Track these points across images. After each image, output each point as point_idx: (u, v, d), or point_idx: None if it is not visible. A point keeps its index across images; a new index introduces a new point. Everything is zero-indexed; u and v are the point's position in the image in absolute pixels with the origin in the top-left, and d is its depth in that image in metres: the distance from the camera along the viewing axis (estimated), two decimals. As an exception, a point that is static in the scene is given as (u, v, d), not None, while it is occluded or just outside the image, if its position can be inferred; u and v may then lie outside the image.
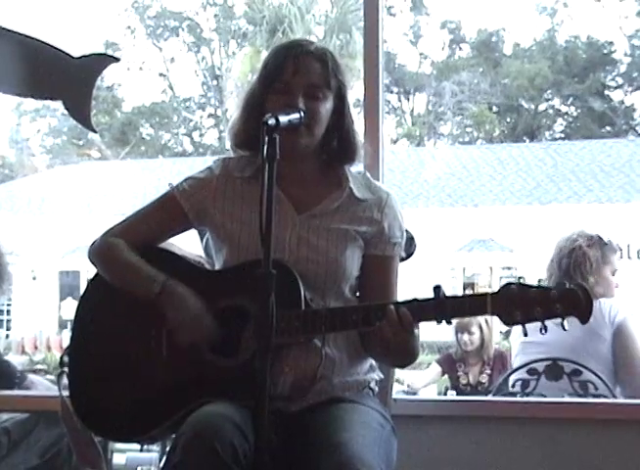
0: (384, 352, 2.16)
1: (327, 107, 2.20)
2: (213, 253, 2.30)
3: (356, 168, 2.36)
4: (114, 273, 2.26)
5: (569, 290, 1.93)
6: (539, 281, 2.02)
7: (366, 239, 2.23)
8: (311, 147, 2.21)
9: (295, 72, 2.17)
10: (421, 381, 6.14)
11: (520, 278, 2.66)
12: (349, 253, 2.20)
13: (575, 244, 3.47)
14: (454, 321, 2.02)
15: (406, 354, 2.14)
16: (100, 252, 2.29)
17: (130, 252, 2.24)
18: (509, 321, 1.96)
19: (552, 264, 3.52)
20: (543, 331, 1.94)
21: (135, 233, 2.29)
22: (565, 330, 1.93)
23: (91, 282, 2.35)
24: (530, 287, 1.95)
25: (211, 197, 2.25)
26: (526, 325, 1.96)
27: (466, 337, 5.93)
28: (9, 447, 3.09)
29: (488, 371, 5.84)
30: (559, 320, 1.93)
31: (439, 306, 1.99)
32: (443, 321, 1.99)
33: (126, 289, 2.22)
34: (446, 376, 6.16)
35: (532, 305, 1.93)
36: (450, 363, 6.11)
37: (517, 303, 1.95)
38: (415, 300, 2.02)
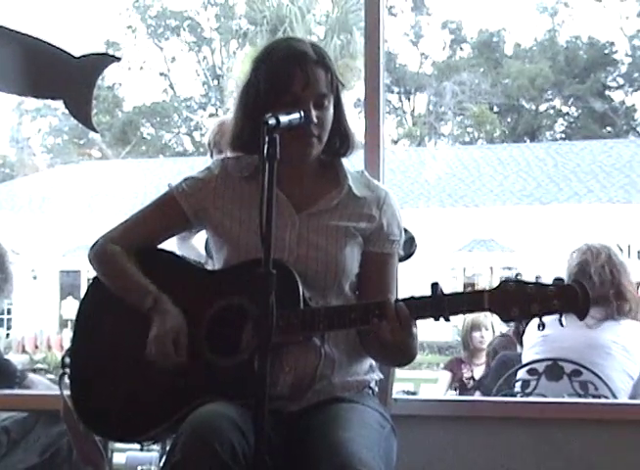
0: (382, 352, 2.16)
1: (332, 112, 2.21)
2: (214, 252, 2.30)
3: (355, 168, 2.35)
4: (111, 281, 2.27)
5: (566, 286, 1.93)
6: (537, 278, 2.00)
7: (365, 236, 2.23)
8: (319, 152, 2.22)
9: (305, 86, 2.15)
10: (437, 393, 6.15)
11: (517, 274, 2.62)
12: (349, 250, 2.20)
13: (618, 256, 3.39)
14: (452, 318, 2.01)
15: (404, 354, 2.14)
16: (98, 258, 2.29)
17: (127, 260, 2.25)
18: (506, 317, 1.96)
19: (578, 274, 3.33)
20: (541, 328, 1.93)
21: (135, 234, 2.29)
22: (562, 326, 1.93)
23: (92, 283, 2.35)
24: (528, 283, 1.95)
25: (211, 197, 2.25)
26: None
27: (479, 335, 5.97)
28: (8, 446, 3.09)
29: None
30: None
31: (437, 303, 1.98)
32: (441, 318, 1.99)
33: (122, 297, 2.23)
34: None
35: (530, 302, 1.93)
36: (458, 365, 6.14)
37: (514, 299, 1.94)
38: (412, 297, 2.02)
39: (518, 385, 3.37)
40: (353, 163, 2.37)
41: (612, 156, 20.81)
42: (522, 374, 3.39)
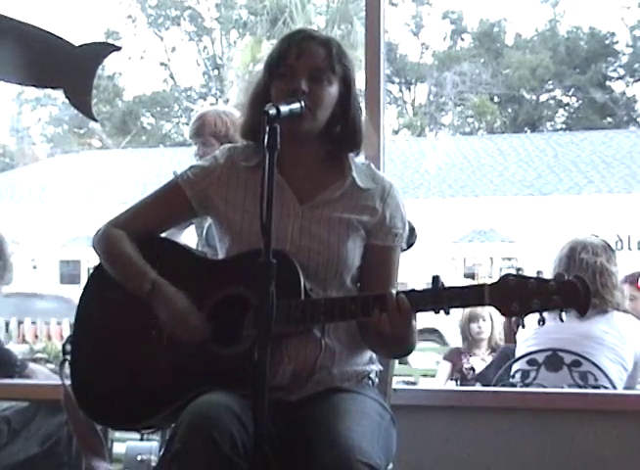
0: (380, 343, 2.17)
1: (331, 92, 2.19)
2: (217, 241, 2.30)
3: (360, 159, 2.35)
4: (112, 266, 2.28)
5: (567, 282, 1.93)
6: (538, 273, 2.00)
7: (367, 228, 2.22)
8: (314, 132, 2.20)
9: (298, 56, 2.17)
10: (437, 383, 6.16)
11: (518, 269, 2.61)
12: (351, 242, 2.19)
13: (598, 260, 3.39)
14: (452, 311, 2.01)
15: (402, 346, 2.15)
16: (101, 243, 2.30)
17: (129, 245, 2.25)
18: (506, 312, 1.96)
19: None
20: (541, 323, 1.93)
21: (139, 222, 2.30)
22: (562, 321, 1.93)
23: (94, 271, 2.35)
24: (529, 278, 1.95)
25: (215, 185, 2.25)
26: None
27: (477, 326, 5.97)
28: (9, 436, 3.10)
29: (491, 358, 5.87)
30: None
31: (437, 296, 1.99)
32: (441, 311, 1.99)
33: (122, 283, 2.24)
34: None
35: (530, 297, 1.93)
36: (458, 355, 6.15)
37: (515, 294, 1.94)
38: (413, 290, 2.02)
39: (517, 376, 3.37)
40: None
41: (612, 146, 20.79)
42: (521, 365, 3.39)
